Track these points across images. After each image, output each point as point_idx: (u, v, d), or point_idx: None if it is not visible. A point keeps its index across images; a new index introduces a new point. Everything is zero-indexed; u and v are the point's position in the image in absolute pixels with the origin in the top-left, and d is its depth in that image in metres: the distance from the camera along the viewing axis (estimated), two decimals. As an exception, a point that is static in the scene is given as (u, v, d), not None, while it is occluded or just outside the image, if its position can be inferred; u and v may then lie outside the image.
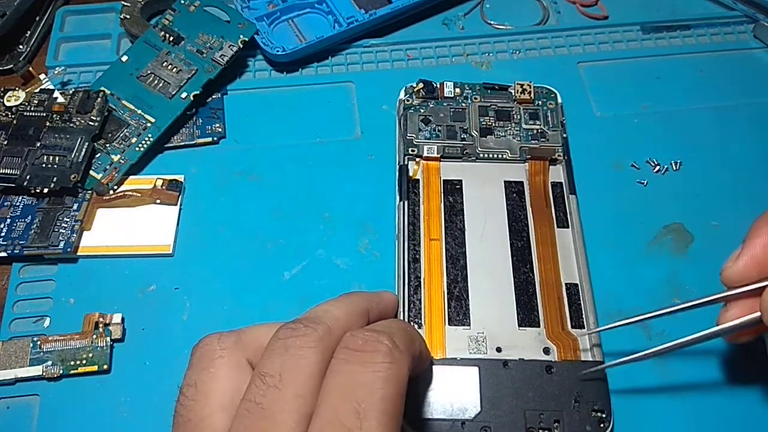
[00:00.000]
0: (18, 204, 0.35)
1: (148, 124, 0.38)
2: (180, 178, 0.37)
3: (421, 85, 0.39)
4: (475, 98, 0.39)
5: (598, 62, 0.43)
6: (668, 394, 0.31)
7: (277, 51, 0.40)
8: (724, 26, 0.44)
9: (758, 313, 0.25)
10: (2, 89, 0.38)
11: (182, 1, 0.41)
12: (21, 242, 0.34)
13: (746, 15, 0.44)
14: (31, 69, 0.40)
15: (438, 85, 0.39)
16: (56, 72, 0.39)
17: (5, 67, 0.43)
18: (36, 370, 0.31)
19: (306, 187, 0.37)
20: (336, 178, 0.37)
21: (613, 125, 0.40)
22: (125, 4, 0.42)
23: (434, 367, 0.30)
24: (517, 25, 0.45)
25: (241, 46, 0.40)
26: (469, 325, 0.32)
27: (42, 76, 0.39)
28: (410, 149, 0.37)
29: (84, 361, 0.31)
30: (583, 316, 0.32)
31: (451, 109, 0.38)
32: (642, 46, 0.44)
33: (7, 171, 0.35)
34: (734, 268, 0.26)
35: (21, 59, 0.43)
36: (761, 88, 0.41)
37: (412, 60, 0.43)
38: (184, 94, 0.38)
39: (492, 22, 0.45)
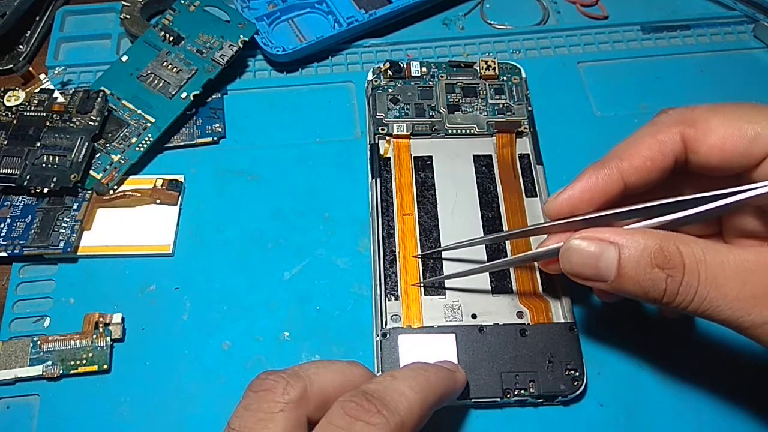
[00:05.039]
0: (18, 204, 0.35)
1: (148, 124, 0.38)
2: (180, 178, 0.37)
3: (388, 65, 0.39)
4: (442, 76, 0.40)
5: (598, 62, 0.43)
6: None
7: (277, 51, 0.40)
8: (724, 26, 0.44)
9: (560, 244, 0.26)
10: (2, 89, 0.38)
11: (182, 1, 0.41)
12: (21, 242, 0.34)
13: (746, 15, 0.44)
14: (31, 69, 0.40)
15: (405, 65, 0.40)
16: (56, 72, 0.39)
17: (5, 67, 0.43)
18: (36, 370, 0.31)
19: (306, 187, 0.37)
20: (336, 178, 0.37)
21: (613, 125, 0.40)
22: (125, 4, 0.42)
23: (412, 335, 0.31)
24: (517, 25, 0.45)
25: (241, 46, 0.40)
26: (445, 294, 0.33)
27: (42, 76, 0.39)
28: (380, 128, 0.38)
29: (84, 361, 0.31)
30: (554, 280, 0.33)
31: (419, 88, 0.39)
32: (642, 46, 0.44)
33: (7, 171, 0.35)
34: (553, 203, 0.27)
35: (21, 59, 0.43)
36: (761, 88, 0.41)
37: (412, 60, 0.43)
38: (184, 94, 0.38)
39: (492, 22, 0.45)
